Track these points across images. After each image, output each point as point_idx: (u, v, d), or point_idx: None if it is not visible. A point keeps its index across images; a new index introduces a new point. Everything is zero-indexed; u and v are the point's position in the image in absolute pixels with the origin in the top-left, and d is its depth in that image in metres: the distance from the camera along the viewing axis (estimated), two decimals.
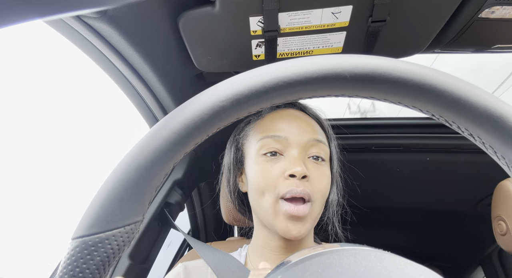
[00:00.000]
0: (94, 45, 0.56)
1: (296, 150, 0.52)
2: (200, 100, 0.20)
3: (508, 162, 0.19)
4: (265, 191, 0.50)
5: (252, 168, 0.54)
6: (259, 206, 0.53)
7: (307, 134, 0.53)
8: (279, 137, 0.52)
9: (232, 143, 0.62)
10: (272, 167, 0.51)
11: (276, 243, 0.55)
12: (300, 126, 0.54)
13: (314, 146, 0.53)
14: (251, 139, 0.57)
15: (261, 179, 0.51)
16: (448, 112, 0.19)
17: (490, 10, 0.52)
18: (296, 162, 0.50)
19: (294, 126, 0.54)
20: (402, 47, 0.59)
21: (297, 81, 0.20)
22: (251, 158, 0.55)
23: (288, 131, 0.53)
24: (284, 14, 0.51)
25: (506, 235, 0.71)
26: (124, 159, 0.19)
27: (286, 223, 0.49)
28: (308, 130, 0.54)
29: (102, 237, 0.18)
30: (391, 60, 0.20)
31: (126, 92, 0.70)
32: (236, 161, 0.60)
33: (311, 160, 0.53)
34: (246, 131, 0.60)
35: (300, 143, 0.52)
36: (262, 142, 0.53)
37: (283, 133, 0.52)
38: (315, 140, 0.53)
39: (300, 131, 0.53)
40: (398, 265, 0.19)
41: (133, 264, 0.66)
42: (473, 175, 1.00)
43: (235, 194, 0.63)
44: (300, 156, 0.51)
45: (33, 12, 0.26)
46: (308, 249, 0.23)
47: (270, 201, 0.50)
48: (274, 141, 0.52)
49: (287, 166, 0.50)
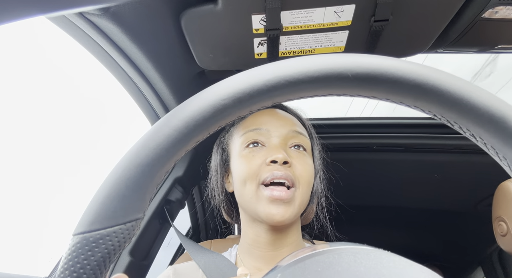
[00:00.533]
0: (96, 42, 0.56)
1: (277, 140, 0.54)
2: (202, 98, 0.20)
3: (510, 163, 0.19)
4: (248, 179, 0.52)
5: (236, 162, 0.56)
6: (242, 196, 0.53)
7: (287, 126, 0.56)
8: (260, 129, 0.55)
9: (218, 145, 0.64)
10: (254, 156, 0.53)
11: (263, 238, 0.54)
12: (280, 119, 0.57)
13: (295, 137, 0.55)
14: (235, 136, 0.59)
15: (243, 168, 0.53)
16: (450, 112, 0.19)
17: (493, 10, 0.52)
18: (277, 149, 0.52)
19: (275, 120, 0.56)
20: (404, 46, 0.59)
21: (299, 80, 0.20)
22: (235, 153, 0.57)
23: (269, 124, 0.55)
24: (287, 12, 0.50)
25: (506, 235, 0.71)
26: (126, 156, 0.19)
27: (268, 207, 0.49)
28: (288, 123, 0.56)
29: (103, 233, 0.18)
30: (393, 60, 0.20)
31: (128, 90, 0.70)
32: (223, 161, 0.62)
33: (293, 149, 0.55)
34: (230, 131, 0.62)
35: (281, 133, 0.54)
36: (245, 136, 0.55)
37: (264, 126, 0.55)
38: (295, 131, 0.56)
39: (281, 124, 0.56)
40: (398, 265, 0.19)
41: (134, 260, 0.67)
42: (474, 175, 1.00)
43: (223, 195, 0.64)
44: (281, 145, 0.54)
45: (36, 9, 0.26)
46: (308, 248, 0.23)
47: (252, 188, 0.51)
48: (256, 134, 0.55)
49: (268, 154, 0.52)
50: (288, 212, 0.49)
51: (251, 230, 0.56)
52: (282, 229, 0.54)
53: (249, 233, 0.57)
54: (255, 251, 0.56)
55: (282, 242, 0.55)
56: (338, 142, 0.96)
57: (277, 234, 0.54)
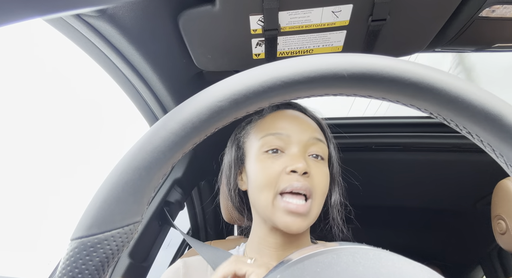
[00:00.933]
0: (94, 43, 0.56)
1: (297, 147, 0.53)
2: (198, 100, 0.20)
3: (507, 160, 0.19)
4: (266, 186, 0.51)
5: (253, 165, 0.55)
6: (259, 202, 0.53)
7: (308, 133, 0.54)
8: (280, 135, 0.53)
9: (233, 142, 0.63)
10: (274, 163, 0.52)
11: (274, 239, 0.55)
12: (301, 125, 0.55)
13: (314, 145, 0.54)
14: (253, 137, 0.58)
15: (262, 175, 0.52)
16: (446, 110, 0.19)
17: (490, 9, 0.52)
18: (297, 158, 0.51)
19: (295, 125, 0.55)
20: (402, 46, 0.59)
21: (295, 81, 0.20)
22: (252, 155, 0.56)
23: (290, 129, 0.54)
24: (284, 13, 0.51)
25: (505, 234, 0.71)
26: (123, 159, 0.19)
27: (286, 218, 0.49)
28: (309, 129, 0.55)
29: (101, 238, 0.18)
30: (388, 59, 0.20)
31: (126, 91, 0.70)
32: (237, 159, 0.61)
33: (311, 158, 0.54)
34: (247, 130, 0.60)
35: (301, 140, 0.53)
36: (264, 140, 0.54)
37: (284, 131, 0.54)
38: (315, 138, 0.54)
39: (301, 130, 0.54)
40: (397, 264, 0.19)
41: (133, 262, 0.66)
42: (473, 174, 1.00)
43: (235, 192, 0.63)
44: (301, 153, 0.53)
45: (33, 11, 0.26)
46: (307, 248, 0.23)
47: (270, 197, 0.51)
48: (275, 139, 0.53)
49: (288, 162, 0.51)
50: (304, 223, 0.50)
51: (261, 231, 0.57)
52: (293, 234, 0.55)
53: (259, 233, 0.57)
54: (264, 250, 0.56)
55: (291, 244, 0.55)
56: (337, 142, 0.96)
57: (288, 238, 0.55)
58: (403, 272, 0.18)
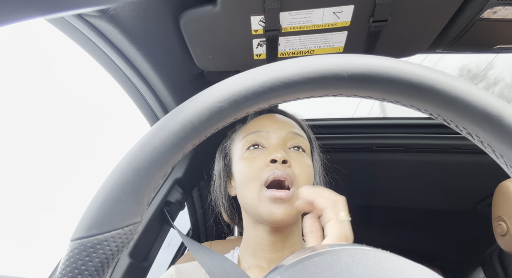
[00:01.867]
0: (95, 43, 0.56)
1: (276, 141, 0.56)
2: (198, 101, 0.20)
3: (507, 160, 0.19)
4: (250, 180, 0.53)
5: (238, 164, 0.58)
6: (245, 198, 0.55)
7: (286, 128, 0.58)
8: (260, 132, 0.57)
9: (220, 151, 0.66)
10: (255, 158, 0.55)
11: (265, 240, 0.56)
12: (279, 122, 0.59)
13: (293, 138, 0.57)
14: (236, 140, 0.61)
15: (245, 170, 0.54)
16: (446, 111, 0.19)
17: (492, 10, 0.52)
18: (276, 149, 0.53)
19: (274, 123, 0.59)
20: (403, 47, 0.59)
21: (295, 81, 0.20)
22: (237, 157, 0.59)
23: (268, 126, 0.58)
24: (286, 13, 0.51)
25: (506, 235, 0.71)
26: (122, 160, 0.19)
27: (270, 207, 0.51)
28: (287, 125, 0.59)
29: (100, 239, 0.18)
30: (388, 60, 0.20)
31: (127, 91, 0.70)
32: (225, 166, 0.64)
33: (292, 150, 0.57)
34: (232, 137, 0.64)
35: (280, 135, 0.56)
36: (245, 139, 0.58)
37: (264, 128, 0.58)
38: (294, 132, 0.58)
39: (280, 126, 0.58)
40: (397, 265, 0.19)
41: (134, 262, 0.66)
42: (474, 175, 1.00)
43: (226, 199, 0.65)
44: (280, 145, 0.55)
45: (35, 10, 0.26)
46: (306, 250, 0.23)
47: (255, 190, 0.52)
48: (256, 136, 0.57)
49: (268, 154, 0.53)
50: (288, 211, 0.50)
51: (253, 232, 0.57)
52: (283, 231, 0.55)
53: (251, 235, 0.58)
54: (258, 253, 0.57)
55: (283, 244, 0.56)
56: (338, 142, 0.97)
57: (279, 236, 0.55)
58: (403, 273, 0.18)
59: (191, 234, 1.07)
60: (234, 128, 0.67)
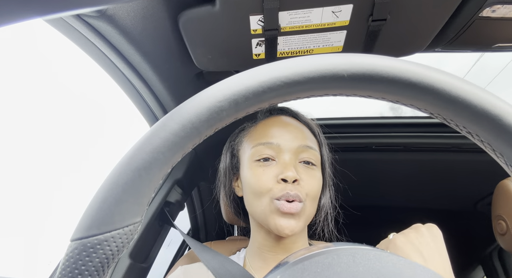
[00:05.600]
0: (94, 44, 0.56)
1: (287, 155, 0.54)
2: (198, 100, 0.20)
3: (507, 160, 0.19)
4: (260, 193, 0.53)
5: (246, 173, 0.57)
6: (254, 208, 0.55)
7: (298, 141, 0.56)
8: (271, 144, 0.55)
9: (227, 149, 0.65)
10: (265, 171, 0.53)
11: (272, 243, 0.56)
12: (291, 132, 0.56)
13: (305, 152, 0.55)
14: (245, 145, 0.60)
15: (255, 183, 0.53)
16: (446, 110, 0.19)
17: (491, 9, 0.52)
18: (287, 166, 0.52)
19: (285, 133, 0.56)
20: (402, 46, 0.59)
21: (295, 81, 0.20)
22: (245, 164, 0.58)
23: (280, 138, 0.55)
24: (285, 13, 0.50)
25: (506, 234, 0.71)
26: (122, 160, 0.19)
27: (279, 220, 0.51)
28: (299, 136, 0.56)
29: (100, 239, 0.18)
30: (388, 59, 0.20)
31: (126, 91, 0.70)
32: (232, 166, 0.63)
33: (302, 164, 0.55)
34: (241, 137, 0.62)
35: (291, 148, 0.55)
36: (255, 149, 0.56)
37: (275, 140, 0.55)
38: (306, 146, 0.56)
39: (291, 138, 0.56)
40: (397, 264, 0.19)
41: (133, 263, 0.66)
42: (473, 174, 1.00)
43: (231, 198, 0.65)
44: (291, 161, 0.54)
45: (34, 11, 0.26)
46: (306, 249, 0.23)
47: (265, 202, 0.52)
48: (266, 148, 0.55)
49: (279, 171, 0.53)
50: (297, 225, 0.51)
51: (260, 235, 0.58)
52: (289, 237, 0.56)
53: (258, 238, 0.58)
54: (264, 254, 0.57)
55: (290, 247, 0.57)
56: (337, 142, 0.96)
57: (285, 240, 0.56)
58: (403, 273, 0.18)
59: (191, 235, 1.07)
60: (243, 126, 0.65)
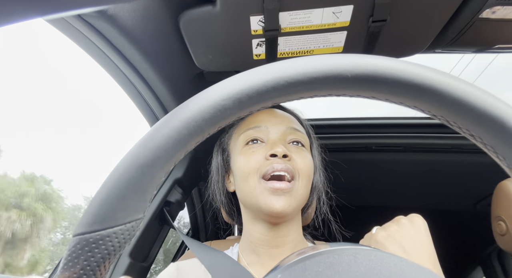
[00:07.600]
0: (95, 44, 0.56)
1: (276, 136, 0.56)
2: (202, 98, 0.20)
3: (509, 163, 0.19)
4: (249, 174, 0.53)
5: (236, 159, 0.57)
6: (244, 192, 0.54)
7: (285, 123, 0.57)
8: (259, 127, 0.56)
9: (218, 146, 0.66)
10: (254, 152, 0.54)
11: (265, 236, 0.55)
12: (278, 117, 0.58)
13: (293, 133, 0.57)
14: (234, 136, 0.61)
15: (244, 164, 0.54)
16: (449, 112, 0.19)
17: (491, 10, 0.52)
18: (276, 143, 0.53)
19: (273, 118, 0.58)
20: (402, 47, 0.59)
21: (299, 81, 0.20)
22: (235, 152, 0.58)
23: (267, 121, 0.57)
24: (285, 13, 0.51)
25: (505, 235, 0.71)
26: (125, 157, 0.19)
27: (269, 198, 0.50)
28: (286, 120, 0.58)
29: (103, 234, 0.18)
30: (392, 60, 0.20)
31: (127, 91, 0.70)
32: (223, 161, 0.63)
33: (292, 145, 0.56)
34: (230, 132, 0.63)
35: (279, 130, 0.56)
36: (244, 135, 0.57)
37: (263, 124, 0.56)
38: (293, 128, 0.57)
39: (279, 121, 0.57)
40: (398, 265, 0.19)
41: (133, 262, 0.66)
42: (473, 175, 1.00)
43: (224, 194, 0.64)
44: (280, 140, 0.55)
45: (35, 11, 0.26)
46: (307, 248, 0.23)
47: (254, 183, 0.52)
48: (255, 131, 0.56)
49: (268, 149, 0.53)
50: (288, 203, 0.50)
51: (253, 228, 0.57)
52: (283, 226, 0.55)
53: (250, 231, 0.57)
54: (257, 249, 0.56)
55: (283, 239, 0.55)
56: (338, 142, 0.97)
57: (278, 231, 0.55)
58: (404, 273, 0.19)
59: (191, 234, 1.07)
60: (232, 123, 0.65)
